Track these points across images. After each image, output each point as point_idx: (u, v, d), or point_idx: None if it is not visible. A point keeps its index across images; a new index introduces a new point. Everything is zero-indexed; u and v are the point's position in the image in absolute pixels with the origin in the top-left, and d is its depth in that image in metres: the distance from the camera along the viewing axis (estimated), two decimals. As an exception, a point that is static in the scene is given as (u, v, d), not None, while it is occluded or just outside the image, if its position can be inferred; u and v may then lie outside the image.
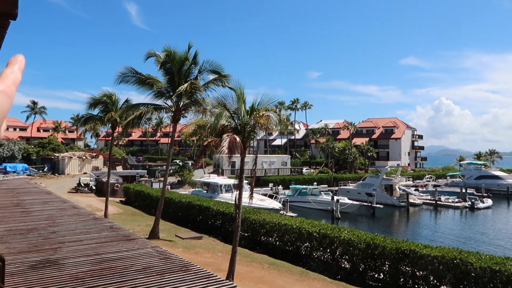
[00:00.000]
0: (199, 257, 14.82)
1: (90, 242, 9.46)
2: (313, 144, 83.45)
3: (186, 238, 18.52)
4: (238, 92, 13.30)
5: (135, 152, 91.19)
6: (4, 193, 19.37)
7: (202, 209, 22.16)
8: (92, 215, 13.56)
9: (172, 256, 8.40)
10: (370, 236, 14.62)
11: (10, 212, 13.48)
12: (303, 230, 16.19)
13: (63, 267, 7.47)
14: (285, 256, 16.53)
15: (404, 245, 13.36)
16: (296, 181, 52.30)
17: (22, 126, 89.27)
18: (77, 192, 37.71)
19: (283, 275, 13.80)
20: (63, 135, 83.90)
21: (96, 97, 24.68)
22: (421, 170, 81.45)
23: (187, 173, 50.29)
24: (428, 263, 12.45)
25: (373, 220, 37.05)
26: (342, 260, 14.96)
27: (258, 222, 18.37)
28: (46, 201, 16.69)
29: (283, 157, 65.48)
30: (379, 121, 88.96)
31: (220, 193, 33.52)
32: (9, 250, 8.25)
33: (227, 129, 12.96)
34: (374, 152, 76.04)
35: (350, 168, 70.92)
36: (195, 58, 18.81)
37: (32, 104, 77.94)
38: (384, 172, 46.97)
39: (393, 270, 13.30)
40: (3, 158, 56.48)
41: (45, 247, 8.94)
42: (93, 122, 26.17)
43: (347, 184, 52.97)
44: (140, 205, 29.22)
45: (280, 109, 77.91)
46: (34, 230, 10.71)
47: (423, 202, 45.18)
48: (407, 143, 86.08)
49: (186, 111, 19.03)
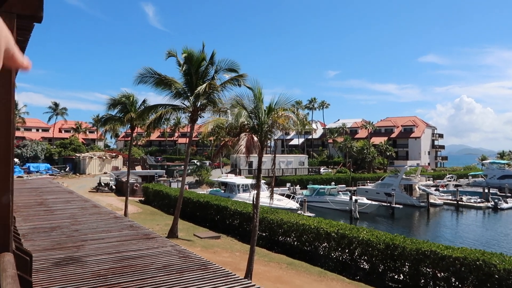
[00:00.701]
0: (218, 256, 14.91)
1: (111, 240, 9.64)
2: (330, 144, 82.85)
3: (205, 238, 18.66)
4: (256, 92, 13.33)
5: (153, 152, 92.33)
6: (28, 192, 19.91)
7: (220, 209, 22.28)
8: (113, 214, 13.80)
9: (191, 255, 8.48)
10: (390, 236, 14.42)
11: (34, 211, 13.85)
12: (321, 230, 16.09)
13: (86, 264, 7.63)
14: (303, 256, 16.47)
15: (425, 246, 13.13)
16: (314, 181, 52.04)
17: (44, 127, 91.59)
18: (97, 191, 38.43)
19: (301, 275, 13.76)
20: (84, 135, 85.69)
21: (115, 98, 25.15)
22: (441, 169, 79.91)
23: (205, 173, 50.67)
24: (449, 265, 12.21)
25: (392, 220, 36.54)
26: (361, 261, 14.81)
27: (276, 222, 18.36)
28: (68, 200, 17.08)
29: (301, 156, 65.24)
30: (398, 120, 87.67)
31: (237, 192, 33.64)
32: (34, 248, 8.47)
33: (245, 129, 13.00)
34: (393, 151, 75.00)
35: (369, 167, 70.13)
36: (212, 58, 18.94)
37: (53, 105, 79.88)
38: (403, 171, 46.26)
39: (413, 271, 13.09)
40: (26, 158, 58.01)
41: (68, 244, 9.15)
42: (112, 122, 26.67)
43: (366, 184, 52.38)
44: (159, 204, 29.58)
45: (297, 108, 77.67)
46: (57, 228, 10.97)
47: (444, 202, 44.31)
48: (427, 142, 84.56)
49: (203, 111, 19.19)
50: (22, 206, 14.80)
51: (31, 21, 3.09)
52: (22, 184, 25.23)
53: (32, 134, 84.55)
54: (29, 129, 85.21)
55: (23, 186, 23.69)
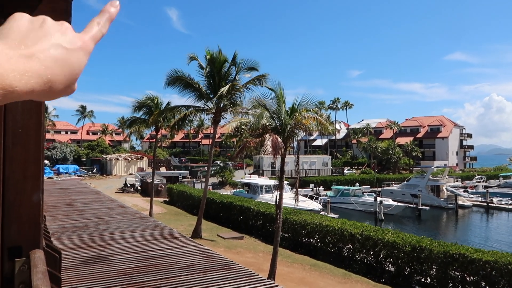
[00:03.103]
0: (241, 257, 14.97)
1: (136, 239, 9.83)
2: (354, 144, 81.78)
3: (228, 238, 18.77)
4: (278, 93, 13.33)
5: (177, 154, 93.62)
6: (57, 193, 20.55)
7: (243, 210, 22.36)
8: (138, 214, 14.07)
9: (214, 255, 8.55)
10: (416, 238, 14.12)
11: (64, 211, 14.28)
12: (345, 231, 15.91)
13: (112, 263, 7.81)
14: (326, 257, 16.32)
15: (453, 248, 12.78)
16: (337, 181, 51.50)
17: (73, 130, 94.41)
18: (123, 192, 39.27)
19: (324, 276, 13.64)
20: (110, 137, 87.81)
21: (140, 100, 25.68)
22: (470, 170, 77.55)
23: (228, 174, 50.95)
24: (479, 268, 11.84)
25: (419, 222, 35.73)
26: (386, 263, 14.55)
27: (299, 223, 18.28)
28: (96, 201, 17.52)
29: (324, 157, 64.69)
30: (424, 120, 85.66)
31: (260, 193, 33.67)
32: (63, 246, 8.74)
33: (267, 129, 13.03)
34: (419, 151, 73.34)
35: (394, 168, 68.83)
36: (234, 60, 19.09)
37: (81, 108, 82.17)
38: (430, 172, 45.14)
39: (441, 274, 12.76)
40: (56, 160, 59.92)
41: (96, 243, 9.39)
42: (137, 124, 27.22)
43: (391, 185, 51.42)
44: (183, 205, 29.95)
45: (320, 109, 77.13)
46: (85, 227, 11.28)
47: (473, 204, 42.97)
48: (455, 142, 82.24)
49: (226, 111, 19.34)
50: (52, 206, 15.29)
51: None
52: (52, 185, 26.07)
53: (62, 136, 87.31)
54: (58, 131, 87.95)
55: (53, 186, 24.48)
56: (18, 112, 1.94)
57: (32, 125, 1.97)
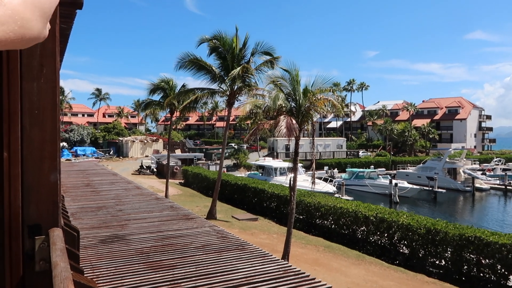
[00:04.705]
0: (255, 238, 15.14)
1: (153, 220, 10.02)
2: (370, 126, 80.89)
3: (242, 219, 18.98)
4: (294, 73, 13.18)
5: (192, 136, 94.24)
6: (76, 174, 21.00)
7: (257, 192, 22.51)
8: (154, 195, 14.30)
9: (229, 236, 8.66)
10: (431, 221, 14.02)
11: (82, 192, 14.61)
12: (359, 213, 15.90)
13: (130, 242, 8.00)
14: (340, 239, 16.39)
15: (469, 231, 12.66)
16: (352, 164, 51.23)
17: (89, 112, 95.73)
18: (139, 174, 39.90)
19: (338, 258, 13.73)
20: (126, 120, 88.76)
21: (155, 83, 25.78)
22: (489, 152, 76.04)
23: (242, 156, 51.17)
24: (495, 251, 11.72)
25: (435, 205, 35.42)
26: (400, 245, 14.54)
27: (313, 205, 18.33)
28: (113, 182, 17.86)
29: (339, 139, 64.28)
30: (441, 101, 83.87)
31: (274, 176, 33.81)
32: (82, 226, 8.97)
33: (282, 111, 12.96)
34: (436, 134, 72.13)
35: (410, 151, 68.00)
36: (246, 42, 18.94)
37: (97, 91, 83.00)
38: (447, 154, 44.48)
39: (456, 257, 12.69)
40: (74, 142, 61.05)
41: (113, 223, 9.62)
42: (152, 107, 27.40)
43: (406, 167, 50.90)
44: (198, 187, 30.30)
45: (335, 90, 76.27)
46: (103, 208, 11.53)
47: (491, 187, 42.32)
48: (473, 124, 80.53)
49: (240, 94, 19.29)
50: (70, 187, 15.65)
51: (73, 7, 3.20)
52: (70, 167, 26.63)
53: (78, 119, 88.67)
54: (75, 114, 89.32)
55: (71, 168, 25.00)
56: (34, 93, 1.96)
57: (48, 105, 1.99)
